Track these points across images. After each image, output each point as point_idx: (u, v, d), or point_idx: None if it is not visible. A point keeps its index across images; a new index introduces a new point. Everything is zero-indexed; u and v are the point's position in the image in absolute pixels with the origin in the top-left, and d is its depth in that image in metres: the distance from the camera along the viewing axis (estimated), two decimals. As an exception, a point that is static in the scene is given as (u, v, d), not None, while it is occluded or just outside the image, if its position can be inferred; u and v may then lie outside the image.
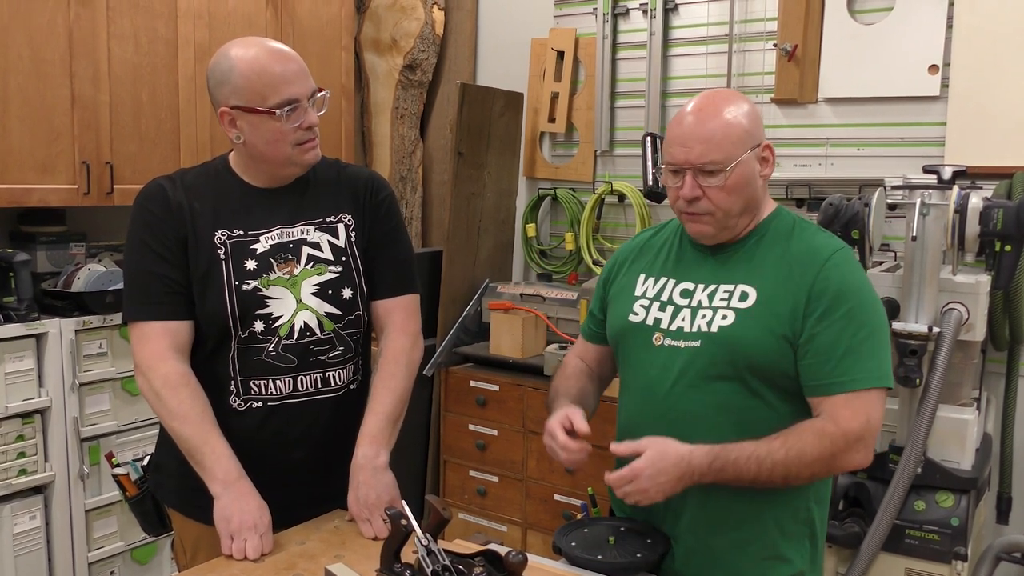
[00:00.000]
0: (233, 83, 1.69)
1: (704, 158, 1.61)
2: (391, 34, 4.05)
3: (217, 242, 1.75)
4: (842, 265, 1.63)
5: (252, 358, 1.75)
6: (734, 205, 1.64)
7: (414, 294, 1.93)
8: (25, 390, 2.71)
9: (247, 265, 1.74)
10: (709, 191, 1.62)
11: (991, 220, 2.35)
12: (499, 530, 3.35)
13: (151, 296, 1.73)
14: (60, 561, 2.82)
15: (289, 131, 1.71)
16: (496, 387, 3.32)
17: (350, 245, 1.83)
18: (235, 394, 1.76)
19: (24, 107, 2.74)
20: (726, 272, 1.69)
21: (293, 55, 1.74)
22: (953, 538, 2.36)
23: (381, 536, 1.67)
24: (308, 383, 1.79)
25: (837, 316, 1.58)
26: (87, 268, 2.88)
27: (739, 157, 1.62)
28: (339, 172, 1.90)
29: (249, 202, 1.80)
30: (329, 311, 1.78)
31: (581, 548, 1.68)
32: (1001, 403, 2.87)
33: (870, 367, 1.58)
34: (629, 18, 3.58)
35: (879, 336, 1.61)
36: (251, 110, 1.69)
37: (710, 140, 1.61)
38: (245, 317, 1.73)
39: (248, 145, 1.74)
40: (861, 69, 3.07)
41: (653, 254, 1.82)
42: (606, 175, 3.67)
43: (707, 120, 1.62)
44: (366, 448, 1.77)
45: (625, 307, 1.78)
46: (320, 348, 1.78)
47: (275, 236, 1.78)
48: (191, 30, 3.15)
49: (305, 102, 1.72)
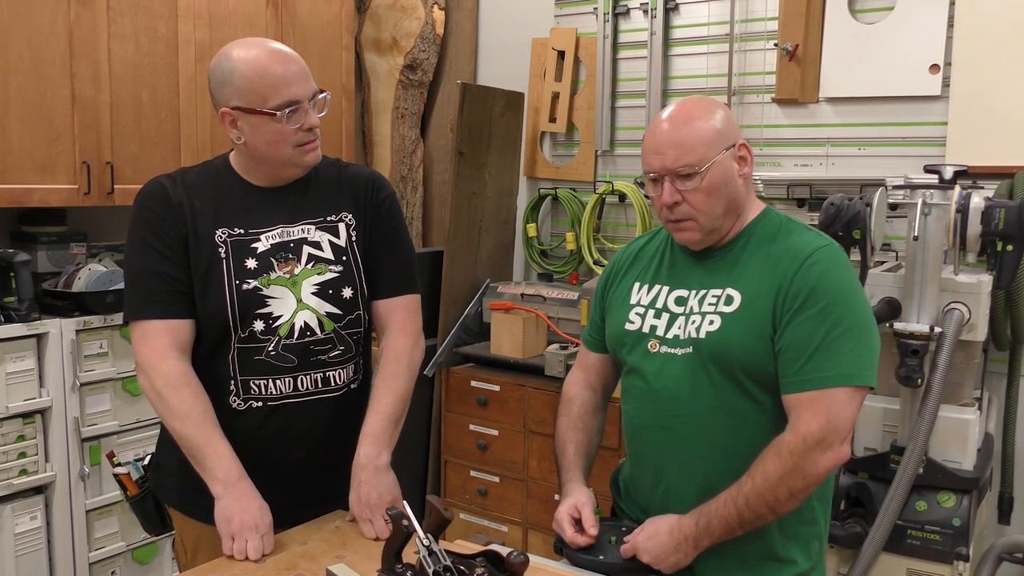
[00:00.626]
0: (234, 84, 1.69)
1: (678, 162, 1.63)
2: (392, 34, 4.04)
3: (218, 240, 1.75)
4: (822, 262, 1.62)
5: (252, 358, 1.75)
6: (715, 207, 1.65)
7: (415, 294, 1.93)
8: (26, 390, 2.71)
9: (248, 264, 1.74)
10: (688, 195, 1.64)
11: (993, 220, 2.34)
12: (500, 530, 3.34)
13: (152, 295, 1.72)
14: (61, 561, 2.81)
15: (290, 132, 1.71)
16: (497, 387, 3.32)
17: (351, 244, 1.83)
18: (235, 394, 1.76)
19: (24, 107, 2.74)
20: (714, 277, 1.70)
21: (294, 56, 1.74)
22: (955, 538, 2.36)
23: (382, 536, 1.67)
24: (308, 383, 1.78)
25: (811, 313, 1.58)
26: (88, 268, 2.88)
27: (713, 158, 1.63)
28: (340, 172, 1.90)
29: (250, 201, 1.79)
30: (329, 311, 1.78)
31: (583, 548, 1.68)
32: (1003, 403, 2.87)
33: (838, 365, 1.56)
34: (630, 18, 3.58)
35: (857, 334, 1.59)
36: (252, 111, 1.69)
37: (682, 144, 1.63)
38: (245, 316, 1.73)
39: (249, 146, 1.74)
40: (862, 69, 3.07)
41: (646, 262, 1.83)
42: (607, 175, 3.67)
43: (679, 126, 1.65)
44: (368, 448, 1.77)
45: (621, 316, 1.79)
46: (320, 348, 1.78)
47: (276, 235, 1.78)
48: (191, 30, 3.15)
49: (306, 103, 1.71)
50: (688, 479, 1.67)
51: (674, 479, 1.69)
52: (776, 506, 1.57)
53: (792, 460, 1.54)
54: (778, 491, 1.55)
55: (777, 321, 1.60)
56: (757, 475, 1.56)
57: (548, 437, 3.18)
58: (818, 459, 1.55)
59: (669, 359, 1.68)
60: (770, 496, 1.55)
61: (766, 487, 1.55)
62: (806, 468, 1.55)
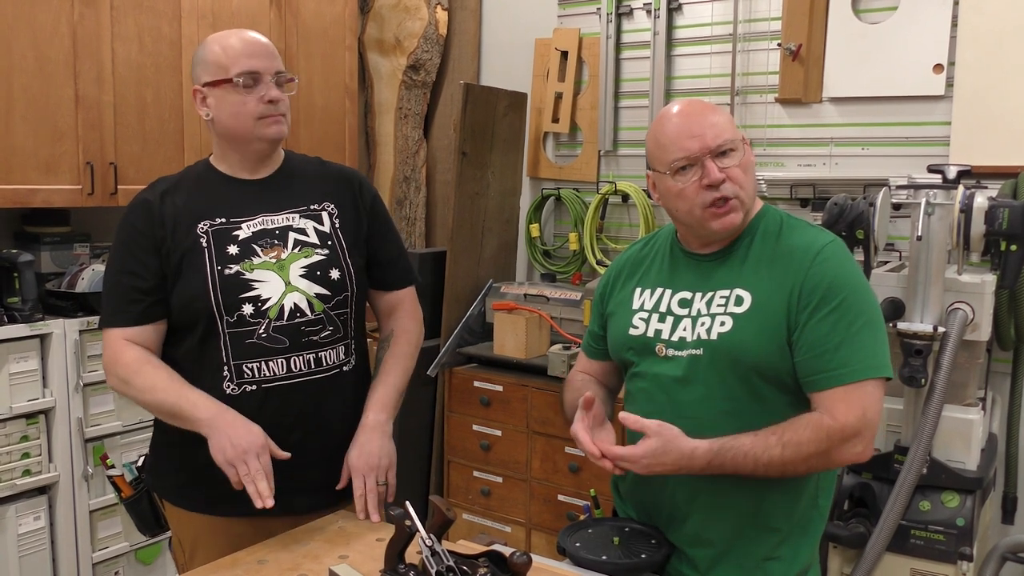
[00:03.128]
0: (204, 61, 1.80)
1: (719, 139, 1.63)
2: (395, 34, 4.05)
3: (199, 232, 1.79)
4: (832, 258, 1.62)
5: (244, 341, 1.77)
6: (750, 185, 1.67)
7: (416, 283, 2.06)
8: (29, 391, 2.71)
9: (229, 250, 1.79)
10: (730, 172, 1.63)
11: (997, 219, 2.34)
12: (503, 530, 3.34)
13: (118, 305, 1.79)
14: (64, 561, 2.82)
15: (251, 102, 1.77)
16: (500, 387, 3.32)
17: (335, 231, 1.88)
18: (229, 379, 1.78)
19: (28, 107, 2.74)
20: (720, 277, 1.69)
21: (264, 40, 1.83)
22: (958, 538, 2.35)
23: (371, 518, 1.76)
24: (301, 363, 1.81)
25: (829, 309, 1.58)
26: (91, 268, 2.88)
27: (742, 138, 1.67)
28: (322, 166, 1.98)
29: (231, 192, 1.85)
30: (319, 292, 1.82)
31: (586, 549, 1.68)
32: (1006, 403, 2.87)
33: (865, 357, 1.57)
34: (633, 18, 3.57)
35: (873, 326, 1.60)
36: (215, 83, 1.77)
37: (717, 124, 1.64)
38: (230, 301, 1.76)
39: (216, 122, 1.82)
40: (865, 68, 3.07)
41: (646, 266, 1.83)
42: (610, 175, 3.67)
43: (703, 111, 1.67)
44: (377, 413, 1.86)
45: (624, 321, 1.79)
46: (311, 329, 1.81)
47: (258, 223, 1.83)
48: (195, 30, 3.15)
49: (267, 77, 1.78)
50: (694, 480, 1.66)
51: (680, 480, 1.69)
52: (790, 473, 1.59)
53: (828, 443, 1.55)
54: (800, 465, 1.57)
55: (793, 320, 1.60)
56: (789, 445, 1.55)
57: (551, 437, 3.19)
58: (850, 450, 1.56)
59: (676, 362, 1.68)
60: (790, 466, 1.56)
61: (793, 457, 1.55)
62: (835, 454, 1.57)
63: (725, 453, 1.57)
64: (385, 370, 1.94)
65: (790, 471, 1.58)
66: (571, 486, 3.15)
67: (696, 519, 1.69)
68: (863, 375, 1.57)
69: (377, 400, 1.88)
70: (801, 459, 1.55)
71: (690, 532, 1.70)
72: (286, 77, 1.83)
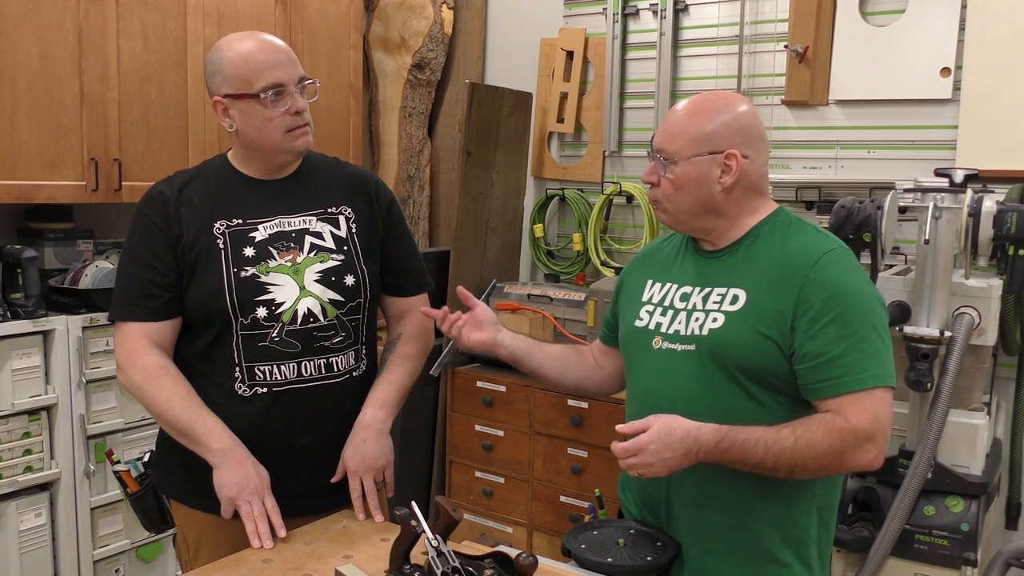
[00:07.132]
0: (223, 72, 1.75)
1: (659, 145, 1.69)
2: (400, 33, 4.04)
3: (216, 232, 1.78)
4: (832, 266, 1.60)
5: (256, 344, 1.77)
6: (680, 202, 1.68)
7: (429, 289, 2.05)
8: (32, 387, 2.71)
9: (246, 252, 1.78)
10: (661, 179, 1.68)
11: (1005, 224, 2.34)
12: (504, 531, 3.34)
13: (133, 298, 1.77)
14: (65, 558, 2.81)
15: (277, 116, 1.75)
16: (503, 388, 3.31)
17: (351, 236, 1.87)
18: (240, 380, 1.78)
19: (33, 104, 2.74)
20: (720, 275, 1.69)
21: (281, 45, 1.79)
22: (963, 543, 2.35)
23: (375, 518, 1.76)
24: (312, 368, 1.80)
25: (829, 319, 1.56)
26: (95, 265, 2.88)
27: (689, 156, 1.65)
28: (340, 167, 1.96)
29: (249, 193, 1.83)
30: (333, 297, 1.81)
31: (591, 550, 1.68)
32: (1011, 408, 2.86)
33: (871, 366, 1.56)
34: (639, 18, 3.57)
35: (877, 336, 1.58)
36: (239, 96, 1.74)
37: (669, 132, 1.68)
38: (245, 303, 1.75)
39: (240, 134, 1.79)
40: (872, 71, 3.06)
41: (661, 260, 1.84)
42: (614, 176, 3.67)
43: (683, 114, 1.69)
44: (376, 409, 1.84)
45: (632, 313, 1.80)
46: (323, 334, 1.80)
47: (274, 225, 1.82)
48: (200, 27, 3.15)
49: (292, 88, 1.76)
50: (688, 475, 1.63)
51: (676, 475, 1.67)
52: (799, 472, 1.56)
53: (841, 443, 1.53)
54: (811, 463, 1.54)
55: (786, 325, 1.59)
56: (801, 439, 1.53)
57: (554, 438, 3.18)
58: (864, 454, 1.54)
59: (670, 356, 1.68)
60: (801, 463, 1.53)
61: (804, 454, 1.53)
62: (847, 456, 1.54)
63: (735, 436, 1.54)
64: (389, 368, 1.93)
65: (799, 468, 1.54)
66: (573, 487, 3.15)
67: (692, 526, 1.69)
68: (872, 383, 1.55)
69: (378, 396, 1.87)
70: (813, 456, 1.53)
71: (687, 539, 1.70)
72: (308, 82, 1.80)
